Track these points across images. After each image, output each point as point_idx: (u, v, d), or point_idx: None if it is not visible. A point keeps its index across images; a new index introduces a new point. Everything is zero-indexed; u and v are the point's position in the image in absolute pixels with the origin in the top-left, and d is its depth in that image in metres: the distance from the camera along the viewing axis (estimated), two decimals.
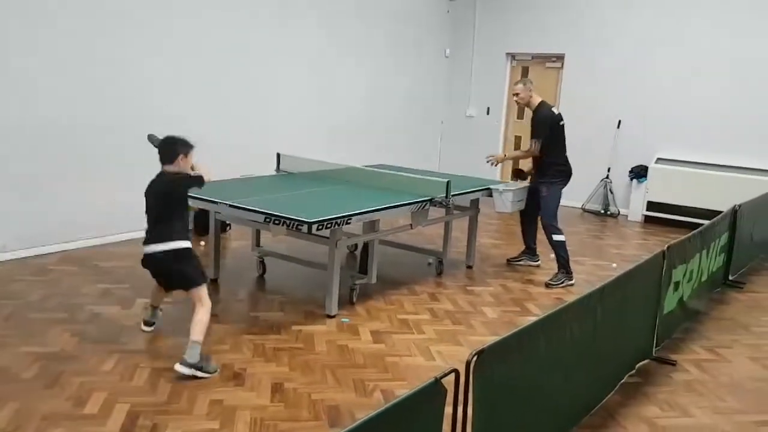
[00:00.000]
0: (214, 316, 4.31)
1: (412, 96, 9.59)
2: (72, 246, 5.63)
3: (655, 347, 3.98)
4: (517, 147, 9.63)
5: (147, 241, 3.58)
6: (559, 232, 5.48)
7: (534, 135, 5.50)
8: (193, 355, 3.46)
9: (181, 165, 3.63)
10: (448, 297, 5.04)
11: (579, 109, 9.17)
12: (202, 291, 3.62)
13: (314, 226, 3.93)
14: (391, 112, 9.22)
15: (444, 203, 4.89)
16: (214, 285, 5.01)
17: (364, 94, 8.69)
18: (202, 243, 6.06)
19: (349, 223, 4.21)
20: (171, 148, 3.61)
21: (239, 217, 4.44)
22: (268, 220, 4.10)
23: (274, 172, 5.84)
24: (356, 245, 6.17)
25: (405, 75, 9.38)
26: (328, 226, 4.05)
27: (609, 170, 9.00)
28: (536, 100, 5.58)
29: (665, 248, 3.83)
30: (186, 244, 3.58)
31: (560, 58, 9.51)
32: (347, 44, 8.30)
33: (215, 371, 3.53)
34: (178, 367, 3.43)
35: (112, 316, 4.25)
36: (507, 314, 4.74)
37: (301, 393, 3.37)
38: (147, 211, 3.62)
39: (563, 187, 5.66)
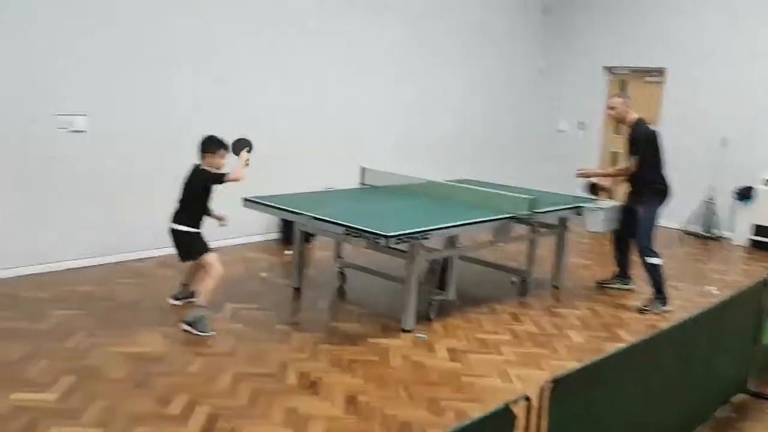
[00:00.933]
0: (296, 324, 4.43)
1: (501, 109, 9.45)
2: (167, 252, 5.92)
3: (752, 381, 3.69)
4: (612, 163, 9.26)
5: (171, 218, 4.29)
6: (655, 254, 5.20)
7: (633, 152, 5.25)
8: (191, 315, 4.19)
9: (207, 161, 4.25)
10: (531, 318, 4.90)
11: (680, 126, 8.72)
12: (208, 258, 4.27)
13: (392, 240, 3.94)
14: (479, 126, 9.12)
15: (527, 221, 4.76)
16: (296, 294, 5.13)
17: (453, 108, 8.66)
18: (287, 252, 6.22)
19: (427, 238, 4.19)
20: (201, 146, 4.25)
21: (321, 229, 4.51)
22: (347, 232, 4.15)
23: (358, 185, 5.91)
24: (439, 260, 6.15)
25: (495, 88, 9.27)
26: (406, 240, 4.05)
27: (712, 190, 8.47)
28: (633, 116, 5.35)
29: (766, 275, 3.55)
30: (194, 230, 4.30)
31: (660, 72, 9.08)
32: (436, 57, 8.30)
33: (208, 333, 4.10)
34: (181, 325, 4.18)
35: (219, 318, 4.41)
36: (594, 339, 4.54)
37: (374, 407, 3.36)
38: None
39: (661, 207, 5.37)
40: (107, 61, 5.36)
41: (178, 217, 4.30)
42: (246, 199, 4.87)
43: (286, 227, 6.19)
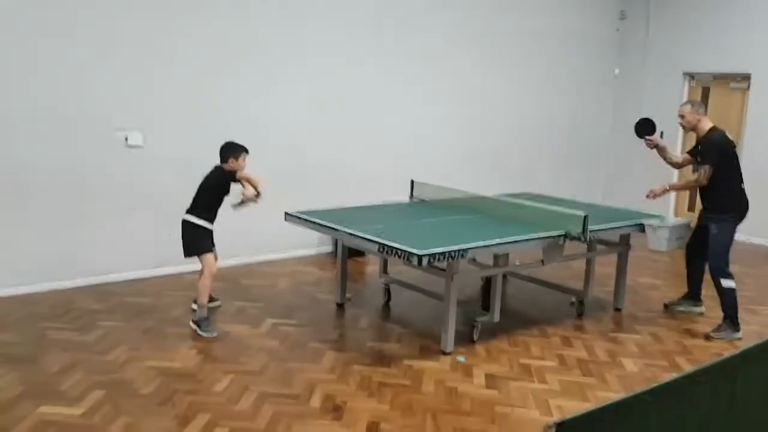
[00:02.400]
0: (332, 342, 4.35)
1: (575, 119, 9.04)
2: (222, 263, 6.01)
3: None
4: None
5: (186, 211, 4.53)
6: (729, 276, 4.75)
7: (704, 161, 4.84)
8: (195, 315, 4.46)
9: (231, 165, 4.48)
10: (584, 343, 4.58)
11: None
12: (204, 258, 4.48)
13: (425, 259, 3.77)
14: (551, 137, 8.75)
15: (581, 239, 4.46)
16: (339, 309, 5.05)
17: (521, 118, 8.35)
18: None
19: (464, 256, 3.99)
20: (223, 152, 4.51)
21: (358, 245, 4.42)
22: (381, 250, 4.03)
23: (408, 200, 5.78)
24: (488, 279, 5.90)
25: (568, 96, 8.88)
26: (441, 259, 3.87)
27: None
28: (706, 124, 4.94)
29: None
30: (203, 222, 4.49)
31: (746, 78, 8.41)
32: (502, 65, 8.05)
33: (211, 334, 4.32)
34: (190, 323, 4.46)
35: (238, 335, 4.42)
36: (651, 369, 4.17)
37: None
38: None
39: (738, 224, 4.91)
40: (165, 77, 5.52)
41: (190, 210, 4.53)
42: (287, 213, 4.85)
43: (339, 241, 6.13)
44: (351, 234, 4.29)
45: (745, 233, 8.27)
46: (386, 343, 4.42)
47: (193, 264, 5.72)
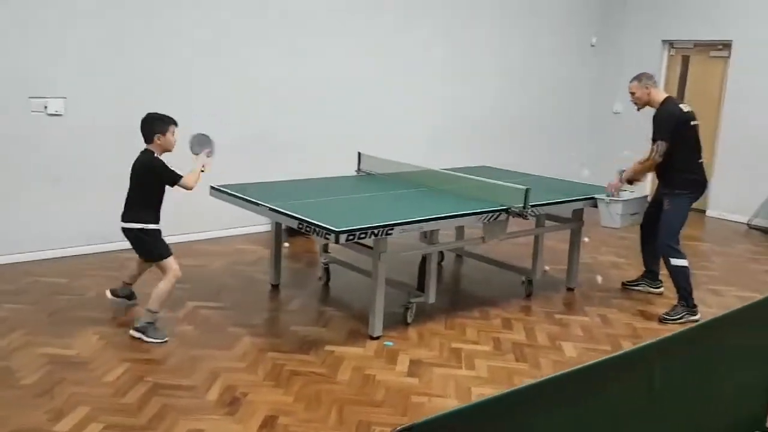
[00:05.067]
0: (253, 326, 4.03)
1: (549, 91, 8.61)
2: None
3: None
4: None
5: (122, 217, 3.82)
6: (679, 255, 4.43)
7: (656, 136, 4.49)
8: (141, 320, 3.77)
9: (159, 143, 3.73)
10: (525, 325, 4.27)
11: (748, 107, 7.71)
12: (167, 263, 3.81)
13: (342, 236, 3.45)
14: (526, 109, 8.33)
15: (522, 214, 4.12)
16: (273, 291, 4.73)
17: (495, 90, 7.93)
18: (285, 245, 5.83)
19: (390, 233, 3.66)
20: (147, 127, 3.73)
21: (281, 221, 4.09)
22: (300, 226, 3.70)
23: (354, 173, 5.43)
24: (442, 256, 5.60)
25: (543, 69, 8.44)
26: (362, 236, 3.55)
27: None
28: (659, 95, 4.58)
29: None
30: (152, 226, 3.81)
31: (727, 45, 8.00)
32: (476, 37, 7.61)
33: (161, 339, 3.72)
34: (131, 332, 3.77)
35: (159, 319, 4.08)
36: (591, 354, 3.86)
37: None
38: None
39: (694, 201, 4.58)
40: (89, 45, 5.13)
41: (130, 214, 3.79)
42: (212, 188, 4.51)
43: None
44: (272, 209, 3.96)
45: (720, 209, 7.96)
46: (313, 327, 4.11)
47: (120, 242, 5.39)
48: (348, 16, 6.52)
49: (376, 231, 3.60)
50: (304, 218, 3.68)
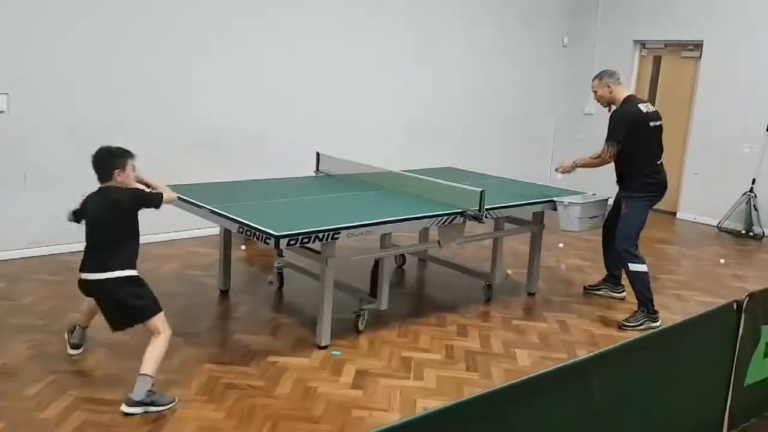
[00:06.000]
0: (193, 335, 3.84)
1: (520, 92, 8.50)
2: None
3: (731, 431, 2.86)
4: None
5: (85, 268, 3.08)
6: (638, 260, 4.32)
7: (608, 136, 4.39)
8: (139, 391, 2.96)
9: (120, 179, 3.07)
10: (481, 332, 4.12)
11: (720, 108, 7.65)
12: (158, 320, 3.10)
13: (283, 241, 3.27)
14: (496, 110, 8.20)
15: (477, 217, 3.98)
16: (222, 297, 4.54)
17: (464, 90, 7.79)
18: (242, 248, 5.65)
19: (337, 237, 3.50)
20: (104, 162, 3.06)
21: (222, 224, 3.90)
22: (241, 230, 3.52)
23: (312, 174, 5.25)
24: (403, 260, 5.46)
25: (513, 68, 8.32)
26: (305, 240, 3.37)
27: (754, 182, 7.31)
28: (620, 94, 4.47)
29: (745, 297, 2.70)
30: (131, 272, 3.07)
31: (698, 46, 7.94)
32: (445, 36, 7.46)
33: (171, 402, 3.03)
34: (125, 408, 2.95)
35: (92, 326, 3.87)
36: (546, 362, 3.72)
37: None
38: (86, 236, 3.11)
39: (653, 205, 4.48)
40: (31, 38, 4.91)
41: (105, 263, 3.02)
42: None
43: None
44: (212, 211, 3.77)
45: (692, 212, 7.89)
46: (258, 335, 3.93)
47: (67, 244, 5.17)
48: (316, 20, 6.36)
49: (320, 235, 3.43)
50: (243, 221, 3.50)
